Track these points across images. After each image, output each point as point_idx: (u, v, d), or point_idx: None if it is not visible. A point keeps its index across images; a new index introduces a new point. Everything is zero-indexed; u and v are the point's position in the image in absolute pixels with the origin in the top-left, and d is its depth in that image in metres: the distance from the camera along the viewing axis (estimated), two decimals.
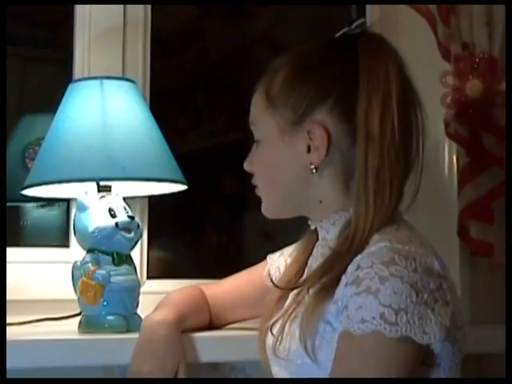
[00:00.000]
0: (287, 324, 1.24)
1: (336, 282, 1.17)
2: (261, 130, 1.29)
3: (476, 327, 1.81)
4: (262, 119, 1.28)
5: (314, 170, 1.23)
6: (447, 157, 1.94)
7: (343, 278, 1.16)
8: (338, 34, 1.30)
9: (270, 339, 1.29)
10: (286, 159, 1.26)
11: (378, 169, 1.18)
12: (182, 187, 1.63)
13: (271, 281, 1.36)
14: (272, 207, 1.31)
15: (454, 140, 1.84)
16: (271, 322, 1.29)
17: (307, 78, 1.24)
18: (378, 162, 1.18)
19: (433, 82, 1.85)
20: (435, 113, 1.84)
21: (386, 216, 1.19)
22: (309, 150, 1.23)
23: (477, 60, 1.80)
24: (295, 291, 1.28)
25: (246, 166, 1.33)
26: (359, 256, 1.15)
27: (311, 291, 1.20)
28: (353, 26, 1.29)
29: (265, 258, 1.49)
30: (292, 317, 1.23)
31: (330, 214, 1.26)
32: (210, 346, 1.44)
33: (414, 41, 2.02)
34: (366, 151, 1.19)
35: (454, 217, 1.85)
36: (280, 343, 1.25)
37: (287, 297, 1.31)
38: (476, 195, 1.81)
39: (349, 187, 1.23)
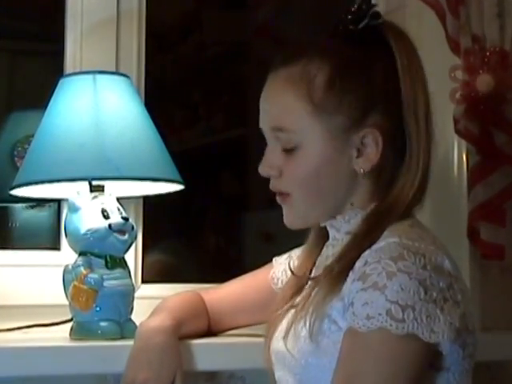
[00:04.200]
0: (292, 320, 1.24)
1: (343, 276, 1.18)
2: (300, 137, 1.24)
3: (487, 333, 1.81)
4: (305, 126, 1.23)
5: (363, 174, 1.24)
6: (456, 155, 1.93)
7: (351, 273, 1.17)
8: (361, 26, 1.27)
9: (275, 343, 1.30)
10: (334, 165, 1.24)
11: (427, 164, 1.24)
12: (178, 187, 1.64)
13: (290, 270, 1.36)
14: (302, 216, 1.29)
15: (464, 137, 1.84)
16: (277, 314, 1.30)
17: (356, 80, 1.24)
18: (428, 158, 1.24)
19: (441, 76, 1.85)
20: (444, 109, 1.84)
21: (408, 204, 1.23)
22: (358, 155, 1.23)
23: (487, 54, 1.80)
24: (303, 295, 1.28)
25: (267, 169, 1.28)
26: (367, 251, 1.16)
27: (317, 288, 1.21)
28: (371, 13, 1.28)
29: (266, 260, 1.50)
30: (298, 315, 1.24)
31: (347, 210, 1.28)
32: (208, 354, 1.44)
33: (421, 33, 2.02)
34: (418, 147, 1.23)
35: (463, 218, 1.86)
36: (282, 337, 1.25)
37: (294, 301, 1.32)
38: (487, 195, 1.81)
39: (379, 185, 1.25)
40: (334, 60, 1.24)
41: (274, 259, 1.49)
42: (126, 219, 1.50)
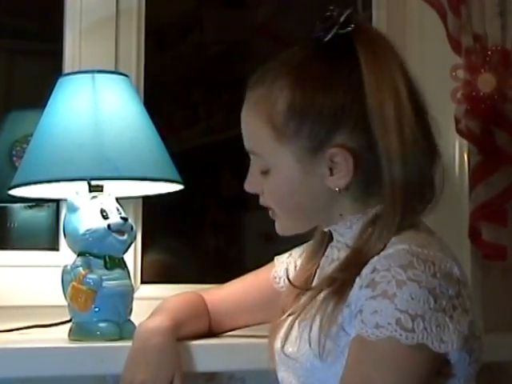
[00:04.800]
0: (296, 323, 1.24)
1: (350, 284, 1.18)
2: (270, 161, 1.24)
3: (489, 335, 1.80)
4: (271, 150, 1.23)
5: (339, 192, 1.22)
6: (458, 155, 1.94)
7: (358, 280, 1.16)
8: (328, 37, 1.22)
9: (278, 343, 1.30)
10: (306, 185, 1.23)
11: (404, 169, 1.19)
12: (177, 187, 1.64)
13: (288, 279, 1.36)
14: (291, 227, 1.30)
15: (465, 137, 1.84)
16: (281, 319, 1.30)
17: (317, 101, 1.20)
18: (401, 163, 1.19)
19: (443, 75, 1.85)
20: (445, 108, 1.85)
21: (413, 211, 1.20)
22: (331, 173, 1.21)
23: (489, 53, 1.80)
24: (306, 299, 1.28)
25: (250, 188, 1.30)
26: (375, 258, 1.15)
27: (324, 293, 1.21)
28: (342, 20, 1.22)
29: (266, 260, 1.50)
30: (302, 317, 1.24)
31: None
32: (207, 355, 1.44)
33: (422, 33, 2.03)
34: (389, 161, 1.18)
35: (465, 218, 1.86)
36: (287, 340, 1.25)
37: (297, 306, 1.31)
38: (488, 195, 1.81)
39: (369, 192, 1.23)
40: (297, 80, 1.21)
41: (275, 258, 1.49)
42: (125, 219, 1.50)
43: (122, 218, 1.50)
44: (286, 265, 1.45)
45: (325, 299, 1.20)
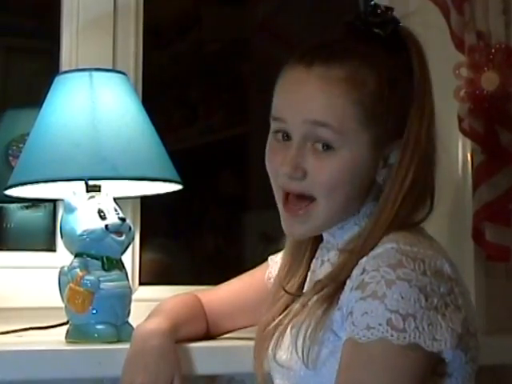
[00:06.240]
0: (288, 330, 1.24)
1: (341, 286, 1.18)
2: (344, 139, 1.20)
3: (491, 336, 1.81)
4: (352, 128, 1.20)
5: (382, 182, 1.23)
6: (461, 154, 1.93)
7: (348, 282, 1.17)
8: (388, 31, 1.25)
9: (270, 351, 1.29)
10: (364, 174, 1.22)
11: (417, 176, 1.21)
12: (176, 187, 1.63)
13: (283, 289, 1.35)
14: (319, 228, 1.26)
15: (469, 136, 1.84)
16: (272, 325, 1.29)
17: (397, 91, 1.22)
18: (419, 169, 1.22)
19: (446, 74, 1.85)
20: (448, 107, 1.84)
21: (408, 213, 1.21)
22: (383, 166, 1.22)
23: (493, 51, 1.80)
24: (297, 306, 1.27)
25: (294, 167, 1.21)
26: (365, 258, 1.15)
27: (315, 297, 1.21)
28: (393, 16, 1.27)
29: (265, 261, 1.49)
30: (293, 323, 1.24)
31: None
32: (207, 357, 1.44)
33: (425, 30, 2.00)
34: (411, 162, 1.21)
35: (468, 219, 1.85)
36: (279, 347, 1.25)
37: (288, 312, 1.31)
38: (492, 195, 1.81)
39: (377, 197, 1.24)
40: (380, 69, 1.21)
41: (269, 258, 1.49)
42: (123, 220, 1.50)
43: (119, 218, 1.49)
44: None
45: (315, 304, 1.20)
